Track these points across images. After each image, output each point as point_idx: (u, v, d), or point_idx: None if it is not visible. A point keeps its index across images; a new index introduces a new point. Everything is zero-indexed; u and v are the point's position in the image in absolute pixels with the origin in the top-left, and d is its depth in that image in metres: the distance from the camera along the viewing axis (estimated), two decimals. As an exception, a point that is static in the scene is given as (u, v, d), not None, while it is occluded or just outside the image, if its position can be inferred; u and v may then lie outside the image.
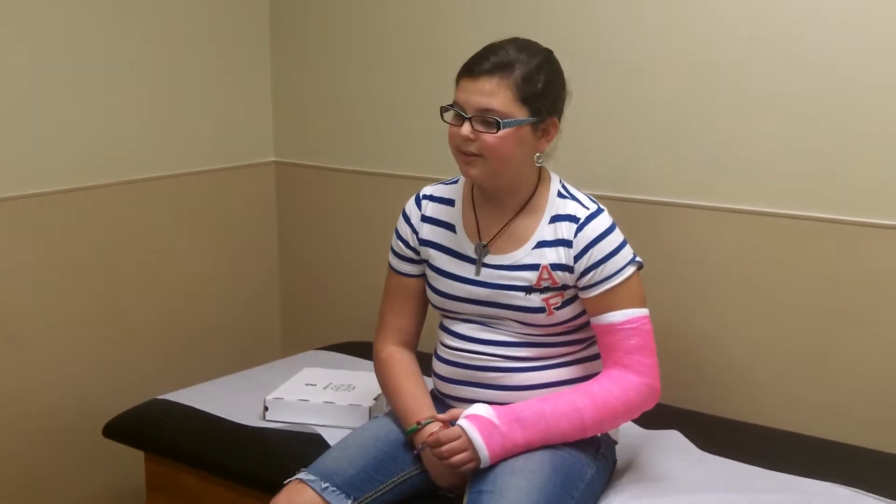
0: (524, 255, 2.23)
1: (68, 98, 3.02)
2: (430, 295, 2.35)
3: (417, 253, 2.36)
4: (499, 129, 2.11)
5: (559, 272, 2.20)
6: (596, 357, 2.29)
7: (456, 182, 2.38)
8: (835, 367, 2.59)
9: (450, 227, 2.33)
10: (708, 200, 2.71)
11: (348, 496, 2.16)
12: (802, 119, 2.55)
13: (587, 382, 2.20)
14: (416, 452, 2.23)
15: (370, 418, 2.53)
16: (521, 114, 2.13)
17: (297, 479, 2.19)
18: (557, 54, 2.23)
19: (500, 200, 2.26)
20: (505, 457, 2.12)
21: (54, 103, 2.99)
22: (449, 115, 2.20)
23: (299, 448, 2.45)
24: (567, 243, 2.20)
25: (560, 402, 2.16)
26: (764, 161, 2.62)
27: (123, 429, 2.74)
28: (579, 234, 2.19)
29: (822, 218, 2.55)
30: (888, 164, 2.46)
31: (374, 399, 2.59)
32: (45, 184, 2.99)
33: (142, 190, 3.23)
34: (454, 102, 2.17)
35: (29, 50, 2.92)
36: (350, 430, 2.38)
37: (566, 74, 2.23)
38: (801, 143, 2.56)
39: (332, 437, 2.47)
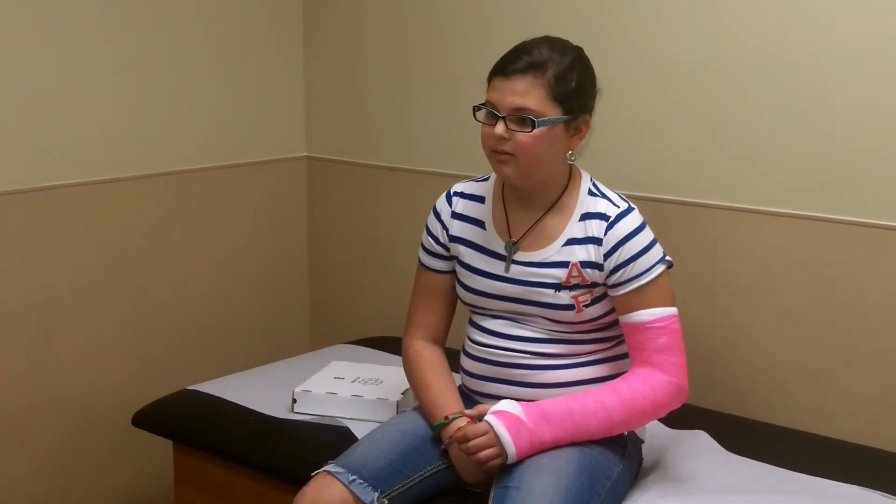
0: (554, 252, 2.23)
1: (100, 91, 3.04)
2: (460, 291, 2.36)
3: (447, 249, 2.38)
4: (533, 127, 2.12)
5: (589, 270, 2.21)
6: (624, 356, 2.29)
7: (486, 179, 2.39)
8: (860, 370, 2.58)
9: (480, 223, 2.34)
10: (736, 202, 2.70)
11: (375, 489, 2.17)
12: (831, 122, 2.54)
13: (615, 381, 2.21)
14: (443, 447, 2.24)
15: (397, 412, 2.54)
16: (554, 112, 2.14)
17: (324, 471, 2.20)
18: (590, 53, 2.23)
19: (530, 198, 2.27)
20: (532, 453, 2.13)
21: (86, 96, 3.02)
22: (481, 115, 2.20)
23: (327, 441, 2.47)
24: (597, 241, 2.21)
25: (588, 400, 2.17)
26: (792, 163, 2.61)
27: (153, 419, 2.76)
28: (609, 232, 2.20)
29: (850, 221, 2.54)
30: (919, 169, 2.46)
31: (402, 393, 2.61)
32: (77, 175, 3.02)
33: (173, 183, 3.25)
34: (486, 101, 2.18)
35: (62, 43, 2.95)
36: (378, 424, 2.40)
37: (597, 73, 2.24)
38: (829, 145, 2.55)
39: (359, 431, 2.48)
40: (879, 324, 2.54)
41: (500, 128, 2.14)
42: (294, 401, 2.64)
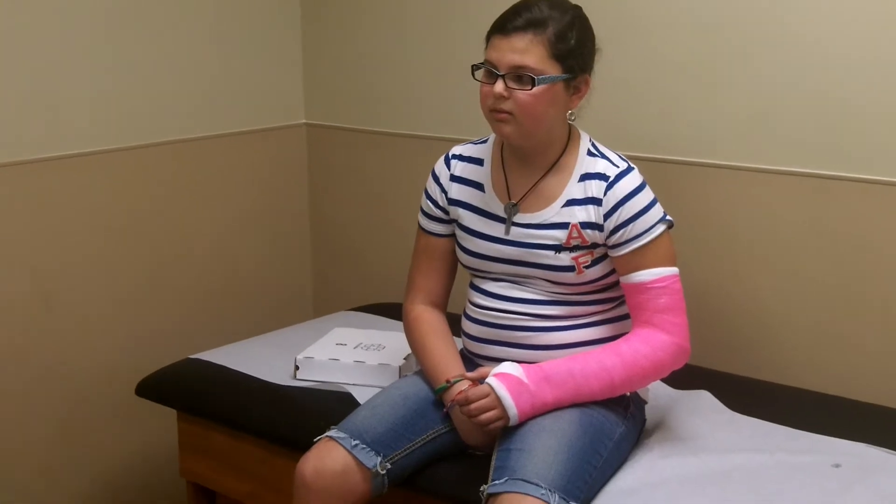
0: (553, 213, 2.22)
1: (98, 61, 3.03)
2: (460, 254, 2.35)
3: (447, 213, 2.36)
4: (533, 85, 2.10)
5: (589, 231, 2.20)
6: (625, 317, 2.28)
7: (485, 142, 2.37)
8: (865, 327, 2.57)
9: (479, 186, 2.32)
10: (738, 161, 2.69)
11: (378, 453, 2.17)
12: (834, 79, 2.52)
13: (616, 342, 2.20)
14: (445, 411, 2.24)
15: (400, 377, 2.54)
16: (554, 71, 2.12)
17: (327, 436, 2.21)
18: (589, 12, 2.22)
19: (529, 159, 2.25)
20: (534, 415, 2.12)
21: (85, 67, 3.00)
22: (480, 74, 2.18)
23: (329, 406, 2.47)
24: (597, 201, 2.19)
25: (589, 361, 2.16)
26: (795, 121, 2.59)
27: (156, 388, 2.76)
28: (609, 193, 2.18)
29: (855, 178, 2.53)
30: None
31: (404, 358, 2.60)
32: (77, 146, 3.01)
33: (172, 152, 3.24)
34: (486, 61, 2.16)
35: (62, 15, 2.93)
36: (380, 389, 2.40)
37: (596, 32, 2.22)
38: (832, 103, 2.53)
39: (361, 396, 2.48)
40: (885, 281, 2.53)
41: (499, 86, 2.12)
42: (296, 367, 2.64)
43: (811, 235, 2.62)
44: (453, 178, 2.35)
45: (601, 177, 2.20)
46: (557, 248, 2.21)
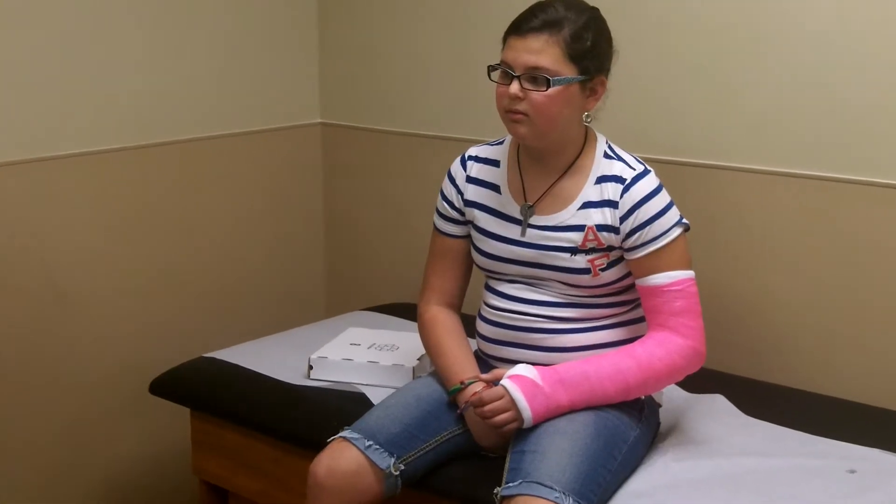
0: (569, 215, 2.22)
1: (113, 59, 3.03)
2: (475, 256, 2.34)
3: (462, 214, 2.36)
4: (548, 86, 2.10)
5: (605, 233, 2.19)
6: (641, 320, 2.28)
7: (501, 143, 2.37)
8: (879, 332, 2.56)
9: (495, 187, 2.32)
10: (753, 163, 2.68)
11: (391, 454, 2.17)
12: (848, 83, 2.51)
13: (631, 344, 2.20)
14: (459, 412, 2.24)
15: (413, 378, 2.54)
16: (569, 72, 2.12)
17: (340, 437, 2.21)
18: (606, 13, 2.21)
19: (545, 161, 2.25)
20: (548, 417, 2.12)
21: (100, 64, 3.00)
22: (496, 75, 2.18)
23: (343, 407, 2.47)
24: (613, 204, 2.19)
25: (604, 364, 2.16)
26: (809, 124, 2.58)
27: (170, 386, 2.77)
28: (625, 195, 2.18)
29: (870, 182, 2.52)
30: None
31: (418, 359, 2.60)
32: (94, 143, 3.02)
33: (189, 150, 3.24)
34: (502, 61, 2.16)
35: (76, 13, 2.94)
36: (393, 390, 2.39)
37: (613, 33, 2.21)
38: (846, 106, 2.52)
39: (375, 397, 2.48)
40: (899, 286, 2.52)
41: (514, 87, 2.12)
42: (310, 367, 2.64)
43: (826, 239, 2.61)
44: (469, 180, 2.35)
45: (618, 179, 2.20)
46: (573, 251, 2.21)
